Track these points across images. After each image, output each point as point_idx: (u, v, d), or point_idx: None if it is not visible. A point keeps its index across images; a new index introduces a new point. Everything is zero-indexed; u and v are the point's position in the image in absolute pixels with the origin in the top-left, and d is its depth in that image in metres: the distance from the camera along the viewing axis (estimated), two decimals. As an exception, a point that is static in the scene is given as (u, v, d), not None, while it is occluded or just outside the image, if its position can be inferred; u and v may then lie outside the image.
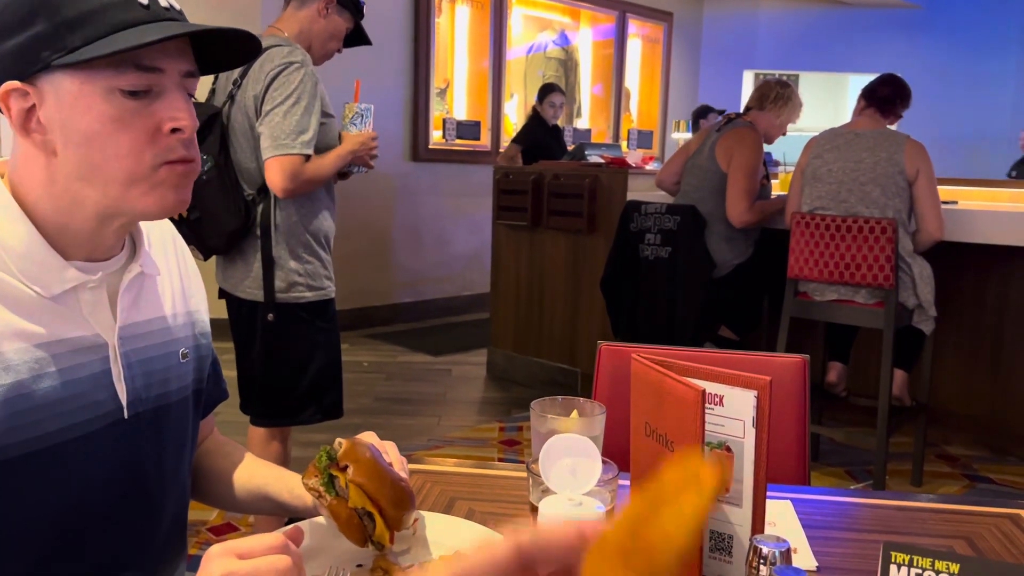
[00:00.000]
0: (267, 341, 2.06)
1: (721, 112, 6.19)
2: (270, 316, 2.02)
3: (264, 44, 1.99)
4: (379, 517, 0.83)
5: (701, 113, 6.01)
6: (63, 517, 0.81)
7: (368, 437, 0.94)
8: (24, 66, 0.77)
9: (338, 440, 0.89)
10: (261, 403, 2.14)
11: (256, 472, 1.06)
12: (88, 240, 0.83)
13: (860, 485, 3.04)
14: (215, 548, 0.68)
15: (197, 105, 2.02)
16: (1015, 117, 7.77)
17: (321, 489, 0.85)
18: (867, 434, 2.90)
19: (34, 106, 0.78)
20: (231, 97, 2.02)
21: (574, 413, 0.92)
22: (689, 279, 3.22)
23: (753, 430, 0.83)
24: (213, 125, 1.97)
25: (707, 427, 0.81)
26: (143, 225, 0.91)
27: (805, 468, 1.40)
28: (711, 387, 0.84)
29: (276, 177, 1.92)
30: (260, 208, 2.00)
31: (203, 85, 2.22)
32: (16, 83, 0.77)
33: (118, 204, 0.81)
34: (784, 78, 8.36)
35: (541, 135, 5.22)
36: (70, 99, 0.77)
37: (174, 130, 0.81)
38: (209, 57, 0.85)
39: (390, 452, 0.95)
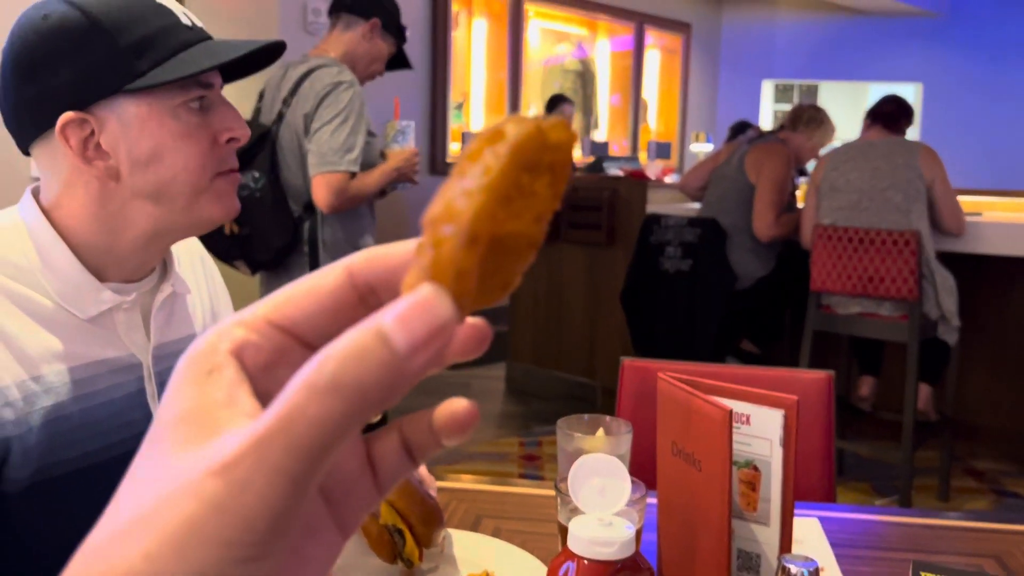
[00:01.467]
0: None
1: (758, 128, 6.19)
2: None
3: (313, 64, 2.06)
4: (409, 534, 0.84)
5: (740, 129, 6.00)
6: None
7: None
8: (85, 95, 0.77)
9: None
10: None
11: None
12: (129, 261, 0.85)
13: (886, 500, 3.00)
14: None
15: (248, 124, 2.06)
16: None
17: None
18: (892, 448, 2.87)
19: (93, 133, 0.78)
20: (280, 116, 2.06)
21: (600, 431, 0.93)
22: (710, 292, 3.21)
23: (780, 449, 0.83)
24: (263, 143, 2.02)
25: (734, 446, 0.81)
26: (173, 245, 0.93)
27: (831, 485, 1.39)
28: (738, 406, 0.84)
29: (322, 193, 1.97)
30: (307, 225, 2.05)
31: (248, 102, 2.26)
32: (73, 114, 0.77)
33: (183, 217, 0.83)
34: (804, 88, 8.33)
35: None
36: (137, 121, 0.79)
37: (229, 140, 0.85)
38: (226, 68, 0.88)
39: (420, 468, 0.96)
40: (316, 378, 0.22)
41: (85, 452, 0.80)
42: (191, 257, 1.00)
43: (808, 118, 3.30)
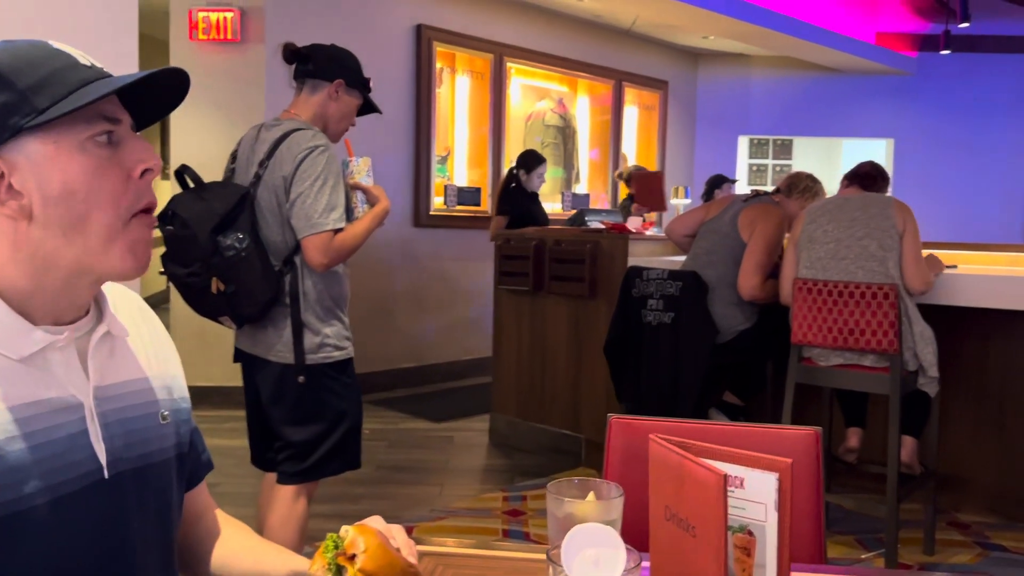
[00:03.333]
0: (301, 401, 2.14)
1: (734, 182, 6.30)
2: (300, 378, 2.10)
3: (287, 128, 2.11)
4: (394, 606, 0.81)
5: (716, 183, 6.07)
6: None
7: (375, 522, 0.93)
8: None
9: (344, 527, 0.87)
10: (292, 460, 2.19)
11: (262, 556, 1.04)
12: (57, 301, 0.85)
13: (871, 554, 2.98)
14: None
15: (227, 185, 2.11)
16: (1006, 182, 7.89)
17: (330, 579, 0.83)
18: (877, 501, 2.86)
19: (3, 175, 0.79)
20: (258, 177, 2.11)
21: (591, 495, 0.91)
22: (692, 344, 3.22)
23: (775, 513, 0.82)
24: (244, 204, 2.05)
25: (728, 510, 0.80)
26: (107, 292, 0.93)
27: (821, 543, 1.38)
28: (731, 469, 0.83)
29: (313, 254, 2.03)
30: (288, 278, 2.10)
31: (222, 164, 2.30)
32: None
33: (95, 260, 0.83)
34: (778, 143, 8.51)
35: (526, 203, 5.21)
36: (46, 159, 0.80)
37: (143, 173, 0.85)
38: (139, 111, 0.89)
39: (397, 536, 0.94)
40: None
41: (24, 494, 0.78)
42: (128, 305, 1.00)
43: (804, 187, 3.38)
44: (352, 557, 0.83)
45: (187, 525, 1.05)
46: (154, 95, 0.88)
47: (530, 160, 5.18)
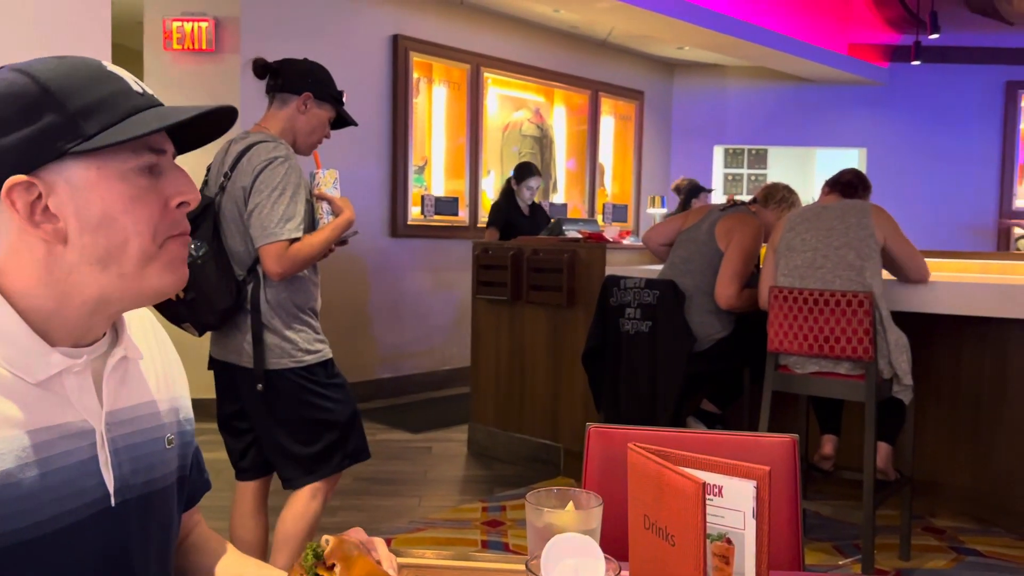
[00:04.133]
0: (280, 404, 2.14)
1: (711, 191, 6.35)
2: (259, 386, 2.10)
3: (252, 140, 2.12)
4: (373, 620, 0.80)
5: (693, 192, 6.12)
6: None
7: (356, 533, 0.93)
8: (32, 158, 0.77)
9: (324, 537, 0.87)
10: (291, 465, 2.18)
11: (242, 570, 1.04)
12: (77, 327, 0.83)
13: (849, 560, 3.00)
14: None
15: None
16: (977, 189, 8.03)
17: (309, 590, 0.83)
18: (854, 508, 2.88)
19: (40, 196, 0.77)
20: (222, 188, 2.13)
21: (570, 505, 0.91)
22: (670, 353, 3.23)
23: (753, 521, 0.82)
24: (207, 213, 2.08)
25: (707, 519, 0.80)
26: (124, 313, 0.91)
27: (798, 550, 1.38)
28: (710, 477, 0.83)
29: (268, 263, 2.04)
30: (250, 287, 2.10)
31: (196, 176, 2.31)
32: (21, 177, 0.76)
33: (131, 284, 0.82)
34: (753, 152, 8.59)
35: (513, 215, 5.22)
36: (87, 184, 0.78)
37: (180, 204, 0.84)
38: (179, 138, 0.89)
39: (379, 549, 0.93)
40: None
41: (34, 522, 0.76)
42: (143, 325, 0.98)
43: (780, 198, 3.41)
44: (332, 567, 0.83)
45: (178, 541, 1.04)
46: (196, 125, 0.87)
47: (523, 172, 5.26)
